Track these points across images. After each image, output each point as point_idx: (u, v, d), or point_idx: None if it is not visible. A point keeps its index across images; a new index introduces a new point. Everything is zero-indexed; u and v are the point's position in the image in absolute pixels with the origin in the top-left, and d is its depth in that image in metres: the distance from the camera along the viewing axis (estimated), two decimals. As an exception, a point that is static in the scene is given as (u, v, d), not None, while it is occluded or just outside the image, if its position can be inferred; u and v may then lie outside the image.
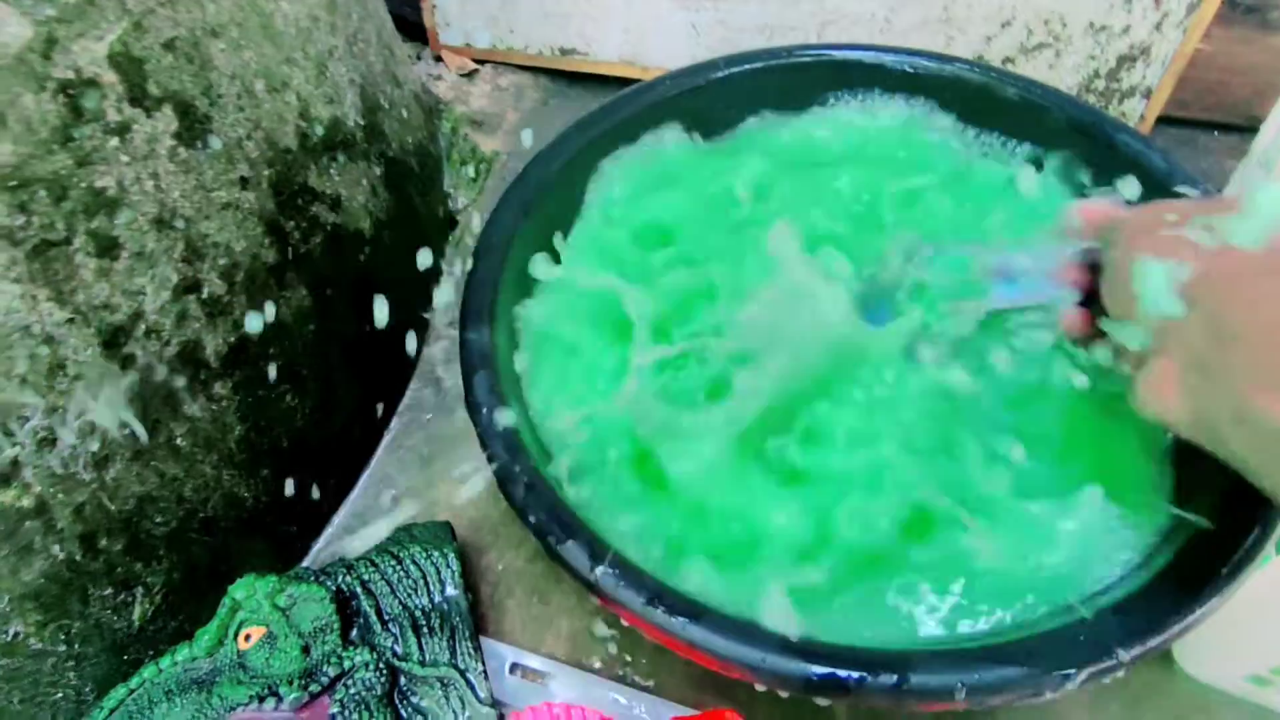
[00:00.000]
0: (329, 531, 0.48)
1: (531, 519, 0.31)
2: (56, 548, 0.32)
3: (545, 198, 0.42)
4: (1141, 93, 0.58)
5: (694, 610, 0.27)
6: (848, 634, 0.27)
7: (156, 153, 0.33)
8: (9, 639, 0.33)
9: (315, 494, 0.46)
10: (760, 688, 0.27)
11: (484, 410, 0.34)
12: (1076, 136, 0.43)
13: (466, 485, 0.48)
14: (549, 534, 0.30)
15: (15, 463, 0.30)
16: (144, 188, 0.32)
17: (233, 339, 0.38)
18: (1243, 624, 0.34)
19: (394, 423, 0.52)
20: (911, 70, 0.45)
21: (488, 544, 0.46)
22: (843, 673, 0.26)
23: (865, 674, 0.26)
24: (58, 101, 0.28)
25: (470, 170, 0.65)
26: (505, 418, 0.34)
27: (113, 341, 0.33)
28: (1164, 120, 0.60)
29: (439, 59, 0.72)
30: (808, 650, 0.26)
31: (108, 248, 0.31)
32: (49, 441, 0.31)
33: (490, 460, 0.33)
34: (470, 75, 0.72)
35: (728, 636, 0.27)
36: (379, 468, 0.50)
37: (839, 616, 0.29)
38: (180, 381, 0.36)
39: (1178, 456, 0.32)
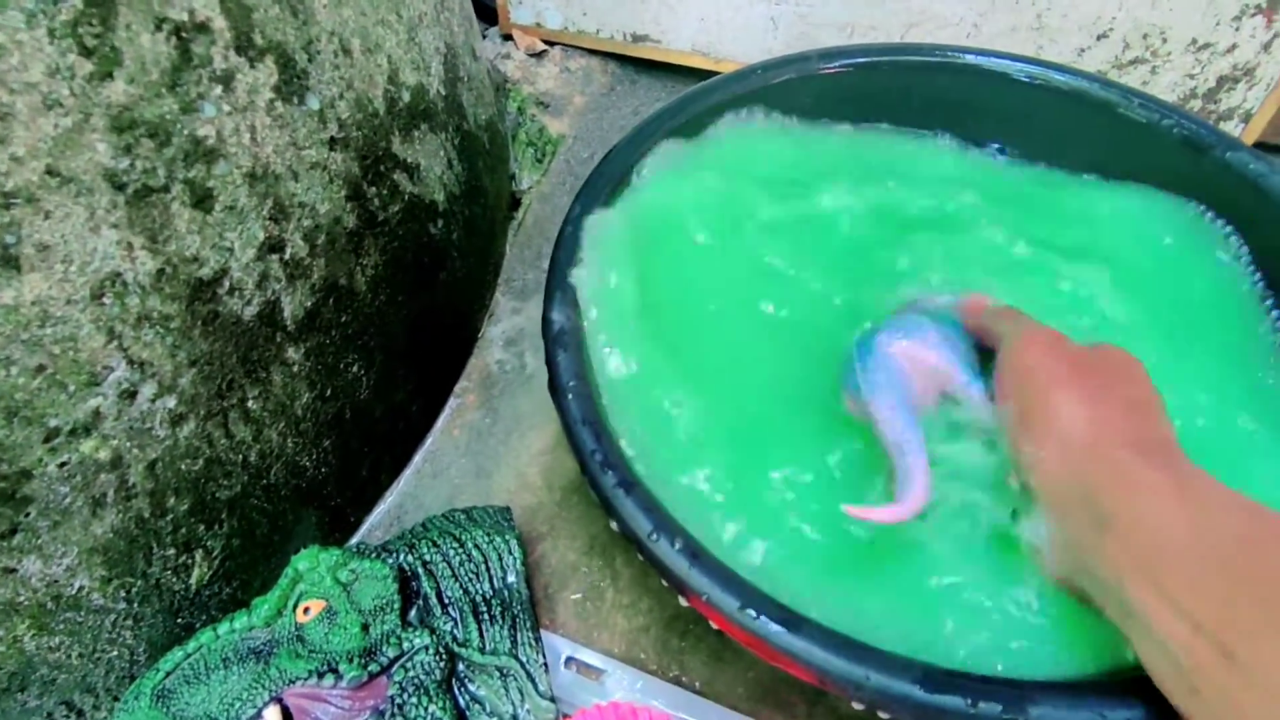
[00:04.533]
0: (381, 507, 0.47)
1: (620, 513, 0.29)
2: (127, 503, 0.32)
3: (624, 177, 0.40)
4: (1240, 116, 0.56)
5: (793, 620, 0.26)
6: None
7: (255, 105, 0.32)
8: (74, 593, 0.32)
9: (373, 468, 0.46)
10: (858, 706, 0.26)
11: (567, 394, 0.33)
12: (1188, 154, 0.41)
13: (523, 472, 0.48)
14: (640, 530, 0.29)
15: (97, 413, 0.29)
16: (241, 140, 0.31)
17: (309, 303, 0.38)
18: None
19: (451, 402, 0.51)
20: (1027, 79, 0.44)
21: (542, 534, 0.45)
22: (953, 699, 0.24)
23: (976, 700, 0.24)
24: (170, 44, 0.27)
25: (536, 151, 0.64)
26: (588, 402, 0.33)
27: (197, 297, 0.32)
28: (1259, 146, 0.58)
29: (508, 38, 0.71)
30: (914, 670, 0.25)
31: (202, 199, 0.30)
32: (129, 395, 0.30)
33: (573, 447, 0.32)
34: (539, 56, 0.71)
35: (831, 650, 0.25)
36: (435, 445, 0.49)
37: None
38: (257, 344, 0.35)
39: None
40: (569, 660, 0.39)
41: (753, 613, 0.26)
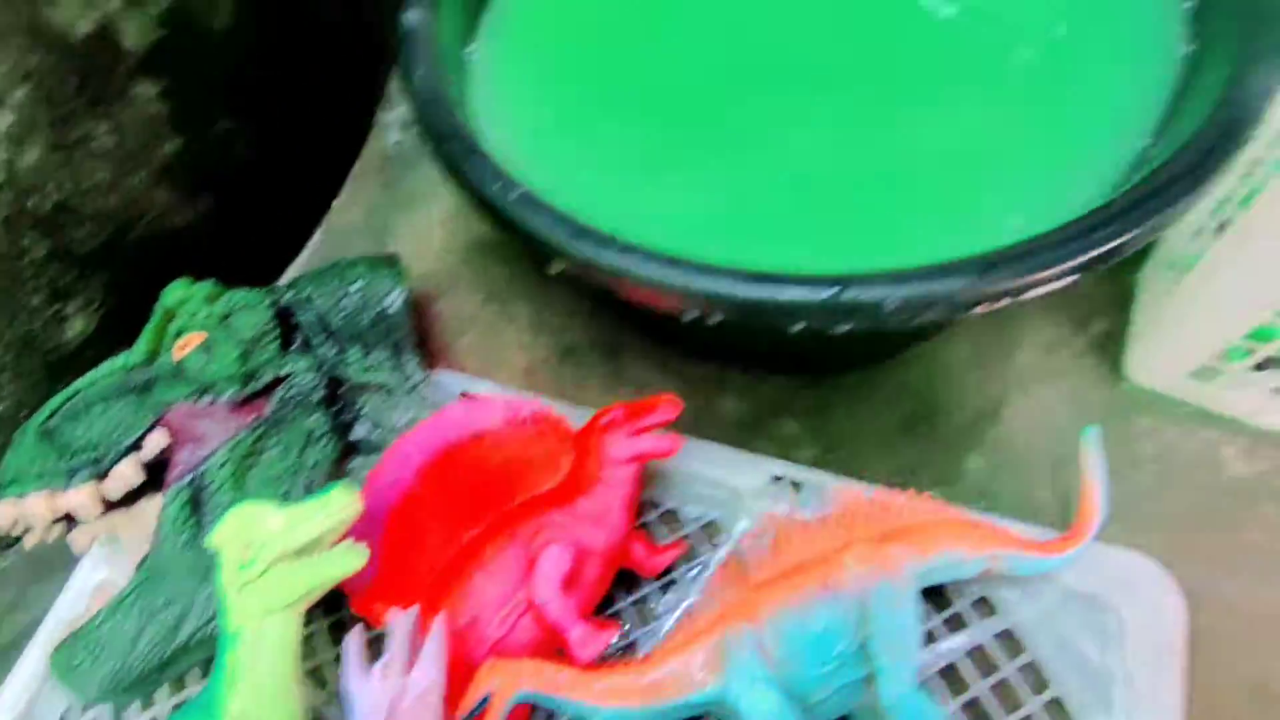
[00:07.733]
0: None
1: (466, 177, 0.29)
2: None
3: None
4: None
5: (622, 244, 0.26)
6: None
7: None
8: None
9: (267, 241, 0.45)
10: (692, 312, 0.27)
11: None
12: None
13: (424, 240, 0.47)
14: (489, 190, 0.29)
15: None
16: None
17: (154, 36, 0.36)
18: (1187, 318, 0.34)
19: (348, 185, 0.50)
20: None
21: (443, 290, 0.45)
22: (777, 291, 0.25)
23: (806, 288, 0.25)
24: None
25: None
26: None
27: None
28: None
29: None
30: (738, 273, 0.25)
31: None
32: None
33: (423, 126, 0.31)
34: None
35: (655, 262, 0.26)
36: (333, 224, 0.49)
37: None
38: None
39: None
40: (463, 395, 0.40)
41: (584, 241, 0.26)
